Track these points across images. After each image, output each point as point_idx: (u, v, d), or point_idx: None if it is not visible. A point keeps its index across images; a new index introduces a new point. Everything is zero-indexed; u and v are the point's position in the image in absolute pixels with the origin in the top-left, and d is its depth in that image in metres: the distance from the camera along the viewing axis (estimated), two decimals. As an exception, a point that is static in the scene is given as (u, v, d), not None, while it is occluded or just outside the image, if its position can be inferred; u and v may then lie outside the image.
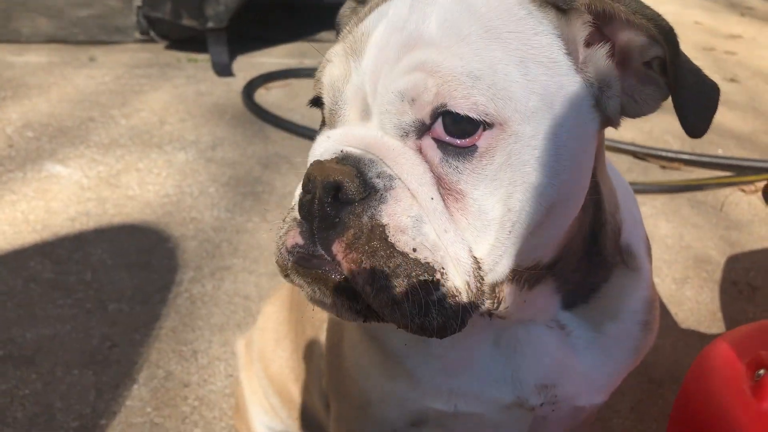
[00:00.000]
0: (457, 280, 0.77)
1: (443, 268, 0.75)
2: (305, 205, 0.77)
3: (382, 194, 0.75)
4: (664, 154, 3.48)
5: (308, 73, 4.18)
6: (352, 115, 0.82)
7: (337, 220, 0.75)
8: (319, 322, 1.34)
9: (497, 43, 0.77)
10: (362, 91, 0.80)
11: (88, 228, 2.51)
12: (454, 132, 0.77)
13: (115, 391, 1.86)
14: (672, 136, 3.81)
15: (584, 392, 1.05)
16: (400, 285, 0.74)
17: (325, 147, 0.82)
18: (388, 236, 0.74)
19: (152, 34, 4.43)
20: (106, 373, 1.91)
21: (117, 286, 2.23)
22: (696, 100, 0.80)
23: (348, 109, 0.82)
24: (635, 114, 0.85)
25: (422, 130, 0.78)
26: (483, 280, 0.79)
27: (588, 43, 0.83)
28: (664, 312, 2.35)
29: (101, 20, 4.86)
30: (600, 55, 0.83)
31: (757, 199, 3.20)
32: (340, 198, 0.75)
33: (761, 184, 3.32)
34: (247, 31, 4.73)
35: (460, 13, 0.78)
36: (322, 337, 1.30)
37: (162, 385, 1.89)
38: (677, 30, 0.81)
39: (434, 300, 0.75)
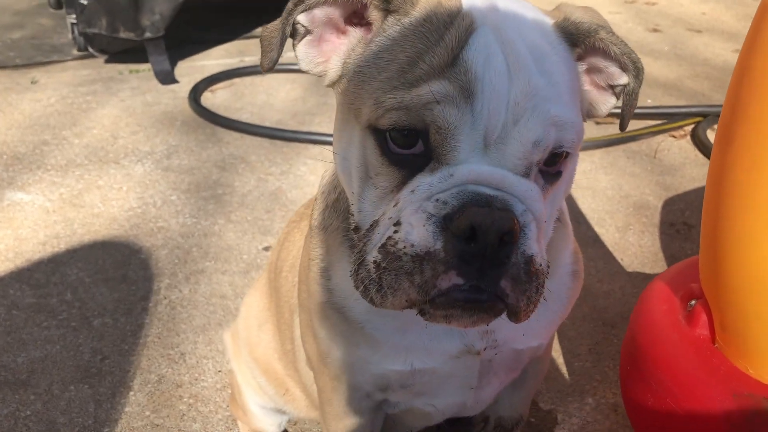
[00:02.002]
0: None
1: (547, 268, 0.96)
2: (474, 251, 0.87)
3: (526, 230, 0.90)
4: (597, 110, 3.67)
5: (251, 71, 4.25)
6: (467, 151, 0.91)
7: (506, 259, 0.88)
8: (294, 306, 1.45)
9: (569, 88, 0.97)
10: (480, 131, 0.90)
11: (60, 250, 2.60)
12: (549, 163, 0.96)
13: (113, 400, 1.97)
14: (604, 92, 4.01)
15: (521, 338, 1.22)
16: (539, 291, 0.93)
17: (449, 184, 0.90)
18: (534, 264, 0.90)
19: (90, 49, 4.45)
20: (102, 385, 2.02)
21: (98, 302, 2.33)
22: (632, 110, 1.11)
23: (464, 144, 0.91)
24: (592, 116, 1.11)
25: (537, 165, 0.96)
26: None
27: None
28: (611, 259, 2.55)
29: (36, 41, 4.84)
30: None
31: (686, 143, 3.43)
32: (505, 240, 0.87)
33: (689, 129, 3.55)
34: (184, 35, 4.77)
35: (547, 57, 0.95)
36: (297, 319, 1.44)
37: (156, 389, 2.01)
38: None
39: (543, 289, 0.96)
